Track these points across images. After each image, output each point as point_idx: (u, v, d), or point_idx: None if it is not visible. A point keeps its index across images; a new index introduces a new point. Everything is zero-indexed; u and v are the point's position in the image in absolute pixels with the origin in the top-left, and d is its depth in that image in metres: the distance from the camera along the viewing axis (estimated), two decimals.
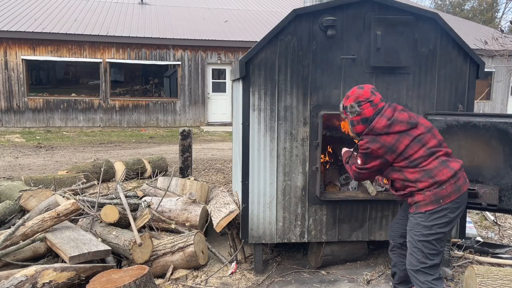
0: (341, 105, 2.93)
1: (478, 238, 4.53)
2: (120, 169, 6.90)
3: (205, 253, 3.90)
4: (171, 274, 3.68)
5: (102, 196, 4.65)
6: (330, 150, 4.15)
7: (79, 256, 3.28)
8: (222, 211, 3.92)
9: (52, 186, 5.50)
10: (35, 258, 3.61)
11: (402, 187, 2.80)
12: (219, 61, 16.08)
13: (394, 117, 2.74)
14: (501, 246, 4.35)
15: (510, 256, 4.10)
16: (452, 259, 3.92)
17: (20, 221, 3.62)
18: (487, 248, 4.24)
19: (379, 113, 2.76)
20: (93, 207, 4.19)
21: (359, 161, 2.86)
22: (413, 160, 2.70)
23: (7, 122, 14.70)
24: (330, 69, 3.59)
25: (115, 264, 3.67)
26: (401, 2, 3.59)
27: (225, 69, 16.31)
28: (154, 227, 4.10)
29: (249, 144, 3.63)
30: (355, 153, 2.99)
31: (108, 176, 6.84)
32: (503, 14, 34.63)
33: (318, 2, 3.88)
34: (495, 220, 5.14)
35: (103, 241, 3.69)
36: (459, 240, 4.15)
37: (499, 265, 3.82)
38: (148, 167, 7.17)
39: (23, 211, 4.45)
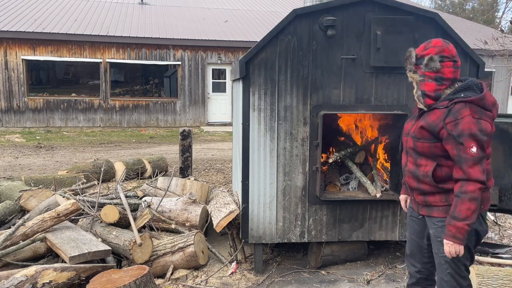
0: (412, 54, 2.34)
1: None
2: (120, 169, 6.90)
3: (205, 253, 3.90)
4: (171, 274, 3.68)
5: (102, 196, 4.65)
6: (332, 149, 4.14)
7: (79, 256, 3.28)
8: (222, 211, 3.91)
9: (52, 186, 5.50)
10: (35, 258, 3.61)
11: (447, 178, 2.28)
12: (219, 61, 16.08)
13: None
14: (501, 246, 4.35)
15: (510, 256, 4.10)
16: None
17: (20, 221, 3.62)
18: (487, 248, 4.24)
19: (457, 80, 2.30)
20: (93, 207, 4.19)
21: (474, 150, 2.14)
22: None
23: (7, 122, 14.70)
24: (330, 69, 3.59)
25: (115, 264, 3.67)
26: (401, 2, 3.59)
27: (225, 69, 16.31)
28: (154, 227, 4.10)
29: (249, 144, 3.63)
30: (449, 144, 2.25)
31: (108, 176, 6.84)
32: (503, 14, 34.64)
33: (318, 2, 3.88)
34: (495, 220, 5.14)
35: (103, 241, 3.69)
36: None
37: (499, 265, 3.82)
38: (148, 167, 7.17)
39: (23, 211, 4.45)
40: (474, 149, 2.14)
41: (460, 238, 2.16)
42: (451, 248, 2.19)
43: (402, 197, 2.74)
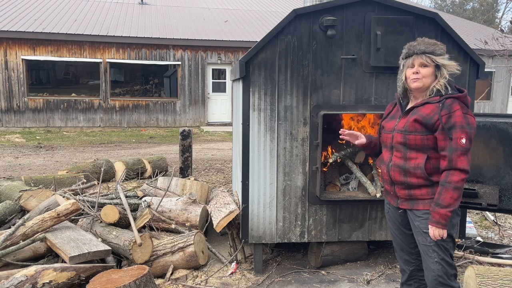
0: (443, 47, 2.49)
1: (478, 238, 4.54)
2: (120, 169, 6.90)
3: (205, 253, 3.90)
4: (171, 274, 3.68)
5: (102, 196, 4.65)
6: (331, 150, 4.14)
7: (79, 256, 3.28)
8: (222, 211, 3.91)
9: (52, 186, 5.50)
10: (35, 258, 3.60)
11: (435, 170, 2.42)
12: (219, 61, 16.08)
13: None
14: (501, 246, 4.35)
15: (510, 256, 4.10)
16: None
17: (20, 221, 3.62)
18: (487, 248, 4.24)
19: None
20: (93, 207, 4.19)
21: (463, 141, 2.32)
22: None
23: (7, 122, 14.70)
24: (330, 69, 3.59)
25: (115, 264, 3.67)
26: (401, 2, 3.59)
27: (225, 69, 16.31)
28: (154, 227, 4.10)
29: (249, 144, 3.63)
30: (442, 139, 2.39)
31: (108, 176, 6.84)
32: (503, 14, 34.65)
33: (318, 2, 3.88)
34: (495, 220, 5.14)
35: (103, 241, 3.69)
36: (459, 240, 4.15)
37: (499, 265, 3.82)
38: (148, 167, 7.17)
39: (23, 211, 4.45)
40: (464, 140, 2.31)
41: (443, 223, 2.34)
42: (435, 232, 2.37)
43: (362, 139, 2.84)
